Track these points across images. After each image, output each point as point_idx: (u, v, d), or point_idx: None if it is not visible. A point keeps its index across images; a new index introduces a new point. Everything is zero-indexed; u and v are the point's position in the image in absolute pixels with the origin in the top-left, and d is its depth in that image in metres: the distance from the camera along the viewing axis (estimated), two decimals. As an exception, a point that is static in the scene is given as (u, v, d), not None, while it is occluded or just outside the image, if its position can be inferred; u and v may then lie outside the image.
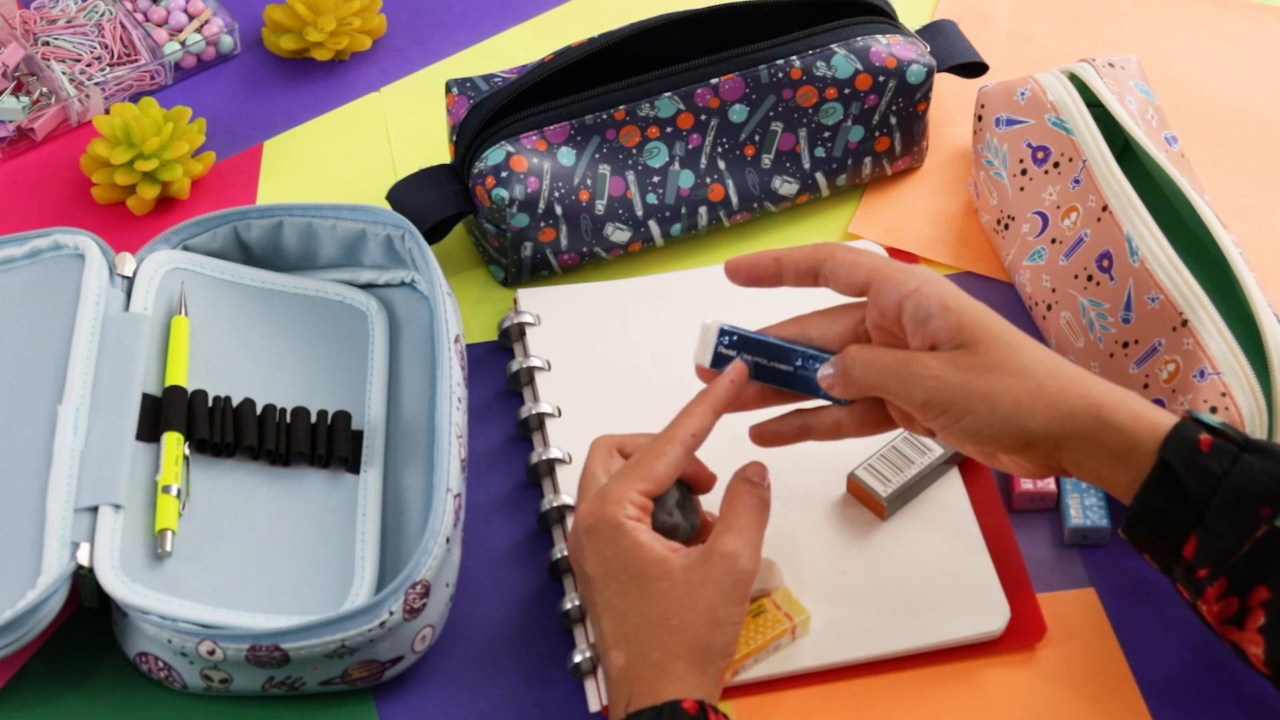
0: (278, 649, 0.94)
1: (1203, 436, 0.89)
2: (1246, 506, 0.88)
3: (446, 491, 0.98)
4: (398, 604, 0.95)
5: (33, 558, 0.96)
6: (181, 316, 1.06)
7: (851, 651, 1.00)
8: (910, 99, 1.19)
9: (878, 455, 1.06)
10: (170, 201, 1.22)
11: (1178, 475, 0.89)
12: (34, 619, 0.94)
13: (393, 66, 1.30)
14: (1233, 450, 0.89)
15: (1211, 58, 1.30)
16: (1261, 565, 0.88)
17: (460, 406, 1.04)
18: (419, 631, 0.97)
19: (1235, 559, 0.88)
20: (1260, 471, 0.88)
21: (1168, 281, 1.05)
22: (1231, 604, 0.89)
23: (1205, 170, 1.22)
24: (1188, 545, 0.90)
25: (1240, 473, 0.88)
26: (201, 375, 1.05)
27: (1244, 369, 1.02)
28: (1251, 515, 0.88)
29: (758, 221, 1.21)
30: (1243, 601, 0.89)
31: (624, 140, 1.15)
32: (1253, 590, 0.88)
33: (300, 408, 1.05)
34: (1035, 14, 1.33)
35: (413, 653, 0.98)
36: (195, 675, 0.97)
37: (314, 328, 1.10)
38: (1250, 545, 0.88)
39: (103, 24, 1.29)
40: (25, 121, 1.24)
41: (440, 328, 1.05)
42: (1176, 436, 0.89)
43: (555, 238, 1.15)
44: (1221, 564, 0.89)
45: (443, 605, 0.99)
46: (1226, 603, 0.89)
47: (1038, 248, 1.13)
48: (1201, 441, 0.89)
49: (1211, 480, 0.88)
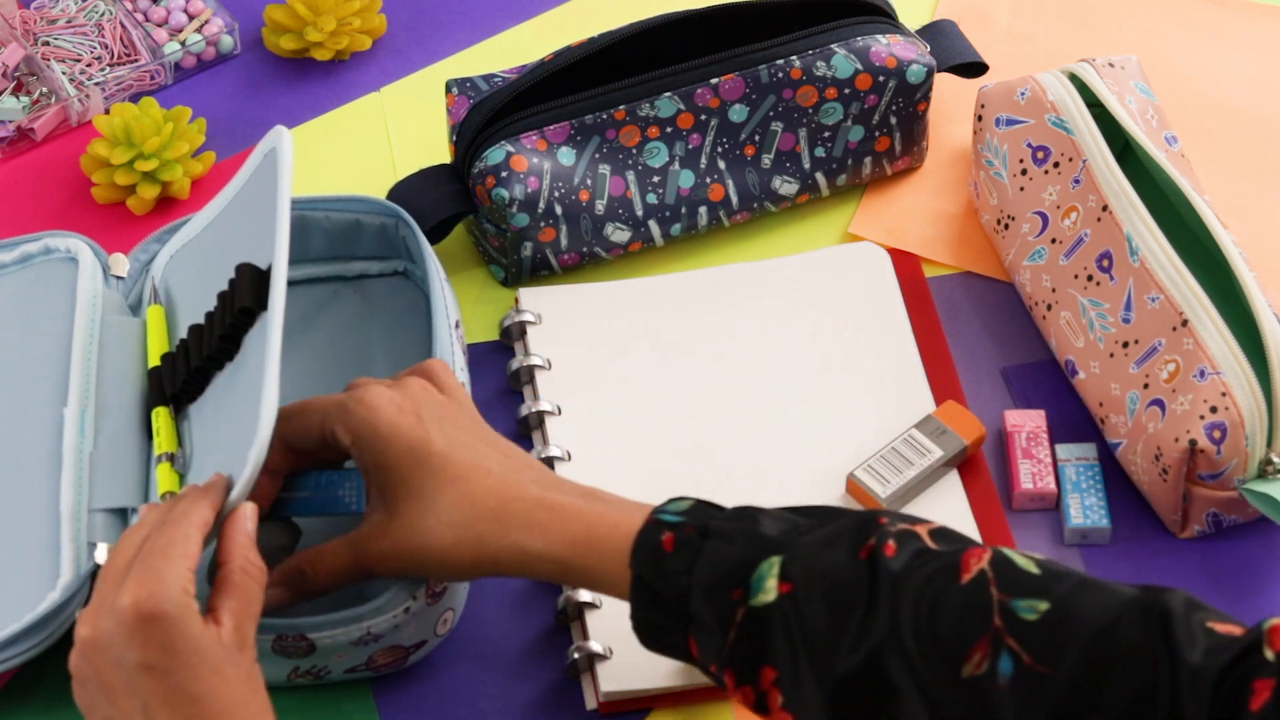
0: (304, 638, 0.94)
1: (665, 536, 0.88)
2: (718, 594, 0.86)
3: None
4: (421, 589, 0.95)
5: (50, 560, 0.96)
6: (157, 305, 1.06)
7: (850, 651, 1.00)
8: (910, 99, 1.19)
9: (877, 456, 1.06)
10: (170, 201, 1.22)
11: (650, 584, 0.88)
12: (56, 620, 0.95)
13: (393, 66, 1.30)
14: (695, 541, 0.87)
15: (1211, 58, 1.30)
16: (756, 649, 0.86)
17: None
18: (441, 615, 0.98)
19: (729, 648, 0.86)
20: (722, 556, 0.87)
21: (1168, 281, 1.05)
22: (749, 694, 0.87)
23: (1205, 170, 1.22)
24: (691, 646, 0.89)
25: (704, 562, 0.87)
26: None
27: (1244, 369, 1.02)
28: (726, 601, 0.86)
29: (758, 221, 1.21)
30: (755, 688, 0.87)
31: (624, 140, 1.15)
32: (759, 674, 0.86)
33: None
34: (1035, 14, 1.33)
35: (435, 636, 0.99)
36: None
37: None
38: (735, 632, 0.86)
39: (103, 24, 1.29)
40: (25, 121, 1.24)
41: (440, 313, 1.05)
42: (641, 546, 0.88)
43: (555, 238, 1.15)
44: (720, 655, 0.87)
45: (463, 589, 1.00)
46: (744, 693, 0.87)
47: (1038, 248, 1.13)
48: (664, 542, 0.88)
49: (681, 579, 0.87)
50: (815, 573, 0.85)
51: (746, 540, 0.87)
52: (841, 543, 0.86)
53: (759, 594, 0.86)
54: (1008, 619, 0.81)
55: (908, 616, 0.82)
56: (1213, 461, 1.01)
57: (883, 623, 0.83)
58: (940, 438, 1.07)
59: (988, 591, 0.82)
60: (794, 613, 0.85)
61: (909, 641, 0.82)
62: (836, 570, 0.85)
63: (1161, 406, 1.03)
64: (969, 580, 0.83)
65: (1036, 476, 1.07)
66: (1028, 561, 0.84)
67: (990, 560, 0.83)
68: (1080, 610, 0.81)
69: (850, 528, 0.87)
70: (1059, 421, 1.11)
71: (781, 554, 0.86)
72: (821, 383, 1.11)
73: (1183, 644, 0.78)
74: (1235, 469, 1.02)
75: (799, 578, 0.85)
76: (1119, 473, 1.08)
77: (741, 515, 0.89)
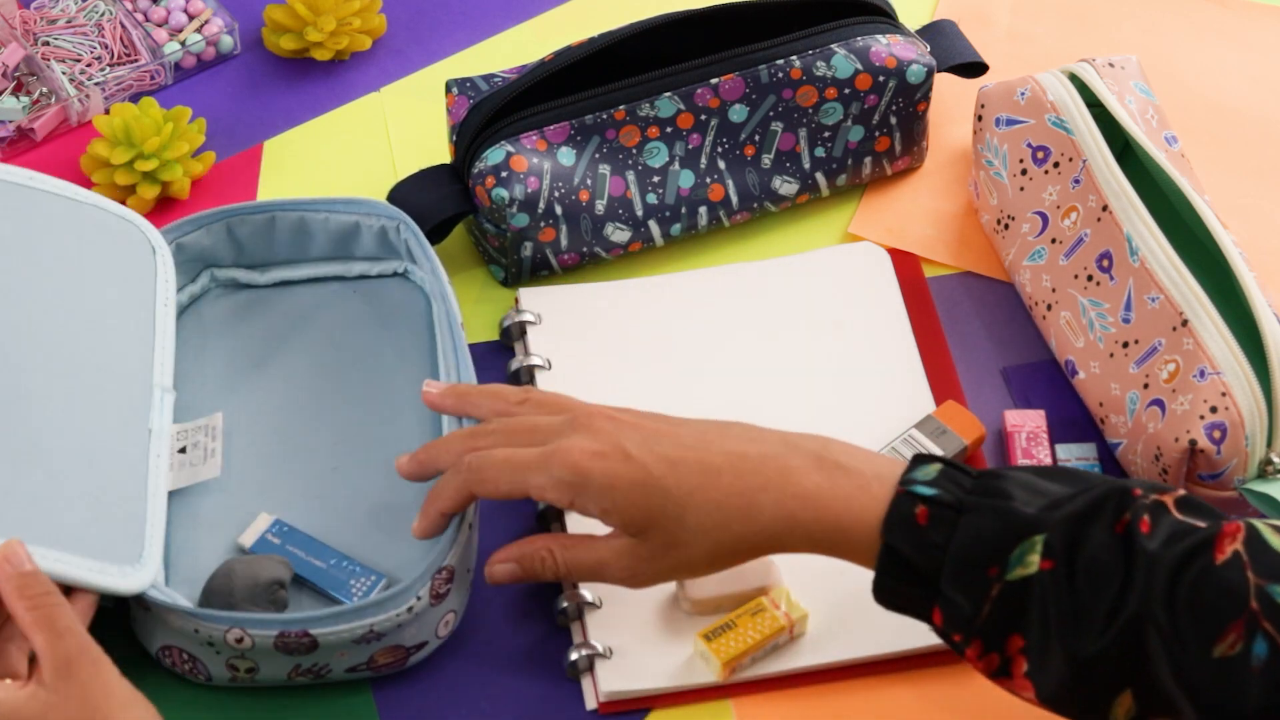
0: (306, 634, 0.94)
1: (919, 509, 0.89)
2: (975, 571, 0.87)
3: None
4: (424, 589, 0.95)
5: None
6: None
7: (849, 652, 1.00)
8: (910, 99, 1.19)
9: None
10: (170, 201, 1.22)
11: (904, 556, 0.89)
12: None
13: (393, 66, 1.30)
14: (950, 516, 0.88)
15: (1211, 58, 1.30)
16: (1008, 620, 0.87)
17: None
18: (443, 616, 0.98)
19: (980, 621, 0.87)
20: (979, 533, 0.87)
21: (1168, 281, 1.05)
22: (993, 660, 0.88)
23: (1205, 170, 1.22)
24: (935, 615, 0.89)
25: (961, 539, 0.88)
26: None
27: (1244, 369, 1.02)
28: (982, 578, 0.87)
29: (758, 221, 1.21)
30: (1002, 654, 0.88)
31: (624, 140, 1.15)
32: (1007, 642, 0.87)
33: None
34: (1035, 14, 1.33)
35: (436, 638, 0.99)
36: (221, 666, 0.97)
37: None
38: (989, 606, 0.87)
39: (103, 24, 1.29)
40: (25, 121, 1.24)
41: (441, 314, 1.05)
42: (894, 516, 0.89)
43: (555, 238, 1.15)
44: (969, 628, 0.88)
45: (465, 591, 1.00)
46: (988, 660, 0.88)
47: (1038, 248, 1.13)
48: (918, 515, 0.88)
49: (936, 553, 0.88)
50: (1076, 550, 0.86)
51: (1003, 517, 0.88)
52: (1100, 517, 0.87)
53: (1018, 568, 0.87)
54: (1264, 603, 0.82)
55: (1162, 595, 0.84)
56: (1213, 461, 1.01)
57: (1137, 599, 0.84)
58: (940, 438, 1.07)
59: (1244, 574, 0.83)
60: (1053, 588, 0.86)
61: (1161, 616, 0.83)
62: (1097, 547, 0.86)
63: (1161, 406, 1.03)
64: (1224, 561, 0.84)
65: (1036, 476, 1.07)
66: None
67: (1245, 540, 0.84)
68: None
69: (1106, 500, 0.87)
70: (1059, 421, 1.11)
71: (1043, 531, 0.87)
72: (821, 383, 1.11)
73: None
74: (1235, 469, 1.02)
75: (1061, 555, 0.86)
76: (1119, 473, 1.08)
77: (991, 488, 0.89)
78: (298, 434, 1.07)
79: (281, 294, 1.14)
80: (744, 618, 0.99)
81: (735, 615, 1.00)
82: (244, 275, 1.14)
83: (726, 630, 0.99)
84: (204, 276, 1.13)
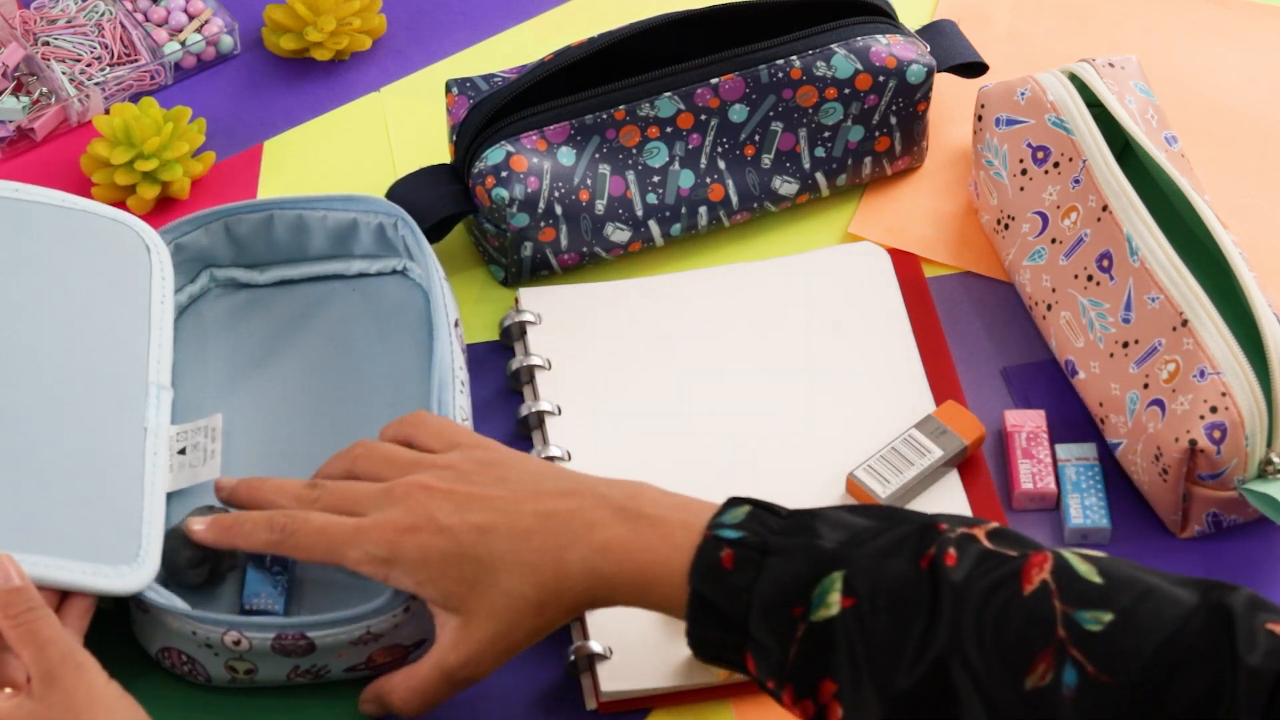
0: (303, 637, 0.95)
1: (724, 553, 0.88)
2: (780, 612, 0.86)
3: None
4: None
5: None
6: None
7: (850, 651, 1.00)
8: (910, 99, 1.19)
9: (877, 456, 1.06)
10: (170, 201, 1.22)
11: (711, 601, 0.88)
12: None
13: (393, 66, 1.30)
14: (755, 558, 0.87)
15: (1211, 58, 1.30)
16: (817, 662, 0.86)
17: (464, 390, 1.04)
18: None
19: (789, 665, 0.86)
20: (783, 573, 0.86)
21: (1168, 281, 1.05)
22: (808, 708, 0.87)
23: (1205, 170, 1.22)
24: (748, 662, 0.88)
25: (765, 580, 0.87)
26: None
27: (1244, 369, 1.02)
28: (787, 618, 0.86)
29: (758, 221, 1.21)
30: (815, 701, 0.86)
31: (624, 140, 1.15)
32: (820, 687, 0.86)
33: None
34: (1035, 14, 1.33)
35: (434, 636, 0.98)
36: (220, 667, 0.97)
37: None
38: (796, 648, 0.86)
39: (103, 24, 1.29)
40: (25, 121, 1.24)
41: (439, 311, 1.05)
42: (700, 562, 0.88)
43: (555, 237, 1.15)
44: (780, 672, 0.87)
45: None
46: (803, 707, 0.87)
47: (1038, 248, 1.13)
48: (724, 559, 0.88)
49: (742, 595, 0.87)
50: (878, 585, 0.85)
51: (807, 555, 0.87)
52: (902, 552, 0.86)
53: (820, 609, 0.86)
54: (1071, 630, 0.81)
55: (970, 627, 0.82)
56: (1213, 461, 1.01)
57: (945, 633, 0.83)
58: (940, 438, 1.07)
59: (1050, 603, 0.82)
60: (857, 626, 0.85)
61: (972, 651, 0.82)
62: (899, 581, 0.85)
63: (1161, 406, 1.03)
64: (1031, 591, 0.83)
65: (1036, 476, 1.07)
66: (1090, 569, 0.84)
67: (1052, 569, 0.83)
68: (1145, 620, 0.81)
69: (910, 535, 0.87)
70: (1059, 421, 1.11)
71: (844, 568, 0.86)
72: (821, 383, 1.11)
73: (1242, 647, 0.78)
74: (1235, 469, 1.02)
75: (862, 591, 0.85)
76: (1119, 473, 1.08)
77: (800, 526, 0.88)
78: (297, 433, 1.07)
79: (281, 293, 1.14)
80: (744, 618, 0.99)
81: (735, 615, 0.99)
82: (243, 275, 1.14)
83: (726, 630, 0.99)
84: (203, 276, 1.13)
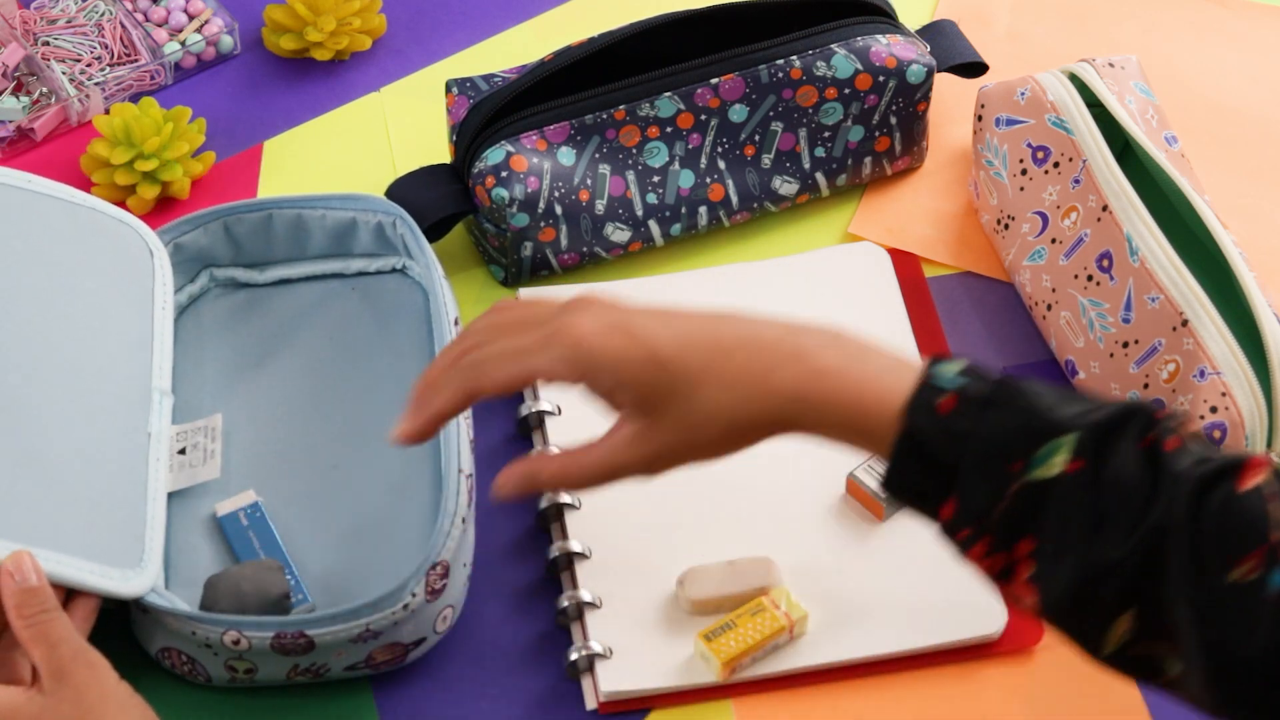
0: (303, 635, 0.95)
1: (942, 399, 0.85)
2: (997, 464, 0.84)
3: (459, 472, 0.99)
4: (420, 586, 0.96)
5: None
6: None
7: (849, 652, 1.00)
8: (910, 99, 1.19)
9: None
10: (170, 201, 1.22)
11: (924, 441, 0.85)
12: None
13: (393, 66, 1.30)
14: (974, 409, 0.85)
15: (1211, 58, 1.30)
16: (1022, 519, 0.84)
17: None
18: (440, 612, 0.98)
19: (994, 517, 0.85)
20: (1005, 427, 0.85)
21: (1168, 281, 1.05)
22: (998, 561, 0.86)
23: (1205, 170, 1.22)
24: (945, 508, 0.86)
25: (987, 430, 0.85)
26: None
27: (1244, 369, 1.02)
28: (1003, 472, 0.84)
29: (758, 221, 1.21)
30: (1009, 556, 0.85)
31: (624, 140, 1.15)
32: (1017, 545, 0.85)
33: None
34: (1035, 14, 1.33)
35: (434, 633, 0.99)
36: (220, 667, 0.97)
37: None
38: (1006, 503, 0.84)
39: (103, 24, 1.29)
40: (25, 121, 1.24)
41: (439, 309, 1.05)
42: (918, 401, 0.86)
43: (555, 238, 1.15)
44: (981, 523, 0.85)
45: (461, 585, 1.00)
46: (993, 561, 0.86)
47: (1038, 248, 1.13)
48: (941, 405, 0.85)
49: (959, 441, 0.85)
50: (1103, 455, 0.84)
51: (1030, 415, 0.85)
52: (1126, 430, 0.85)
53: (1041, 467, 0.84)
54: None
55: (1186, 511, 0.82)
56: (1213, 461, 1.01)
57: (1162, 511, 0.82)
58: (940, 438, 1.07)
59: (1266, 506, 0.82)
60: (1077, 491, 0.84)
61: (1181, 535, 0.82)
62: (1123, 455, 0.84)
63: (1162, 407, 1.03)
64: (1247, 490, 0.82)
65: (1036, 476, 1.07)
66: None
67: (1271, 474, 0.83)
68: None
69: (1132, 414, 0.86)
70: (1059, 421, 1.11)
71: (1072, 432, 0.84)
72: (821, 383, 1.11)
73: None
74: (1235, 469, 1.02)
75: (1089, 458, 0.84)
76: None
77: (1017, 389, 0.86)
78: (297, 432, 1.07)
79: (280, 292, 1.14)
80: (744, 618, 0.99)
81: (735, 615, 1.00)
82: (242, 274, 1.14)
83: (726, 630, 0.99)
84: (203, 276, 1.14)
